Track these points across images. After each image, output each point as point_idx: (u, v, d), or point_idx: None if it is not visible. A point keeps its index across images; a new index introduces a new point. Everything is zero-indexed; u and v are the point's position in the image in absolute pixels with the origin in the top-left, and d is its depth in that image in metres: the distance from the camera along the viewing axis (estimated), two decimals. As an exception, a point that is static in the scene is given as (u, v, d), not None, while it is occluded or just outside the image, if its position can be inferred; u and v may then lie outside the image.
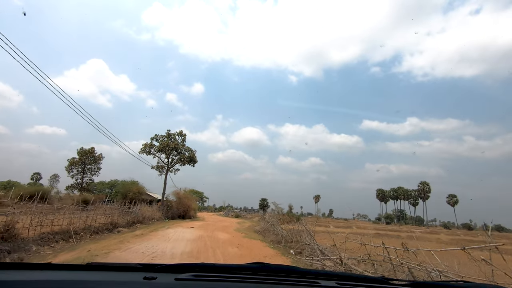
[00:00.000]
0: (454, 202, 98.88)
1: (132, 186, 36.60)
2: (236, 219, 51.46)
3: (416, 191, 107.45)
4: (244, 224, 34.63)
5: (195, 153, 36.64)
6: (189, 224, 27.81)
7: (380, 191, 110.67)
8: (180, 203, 38.92)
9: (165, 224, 26.20)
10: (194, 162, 36.47)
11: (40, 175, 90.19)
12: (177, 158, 35.72)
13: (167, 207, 36.35)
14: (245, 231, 24.28)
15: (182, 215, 38.90)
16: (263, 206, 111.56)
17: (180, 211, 38.30)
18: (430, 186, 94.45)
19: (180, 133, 36.90)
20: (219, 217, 53.05)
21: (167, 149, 35.03)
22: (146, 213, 29.91)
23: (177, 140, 36.44)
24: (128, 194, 35.83)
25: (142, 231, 17.89)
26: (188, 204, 39.72)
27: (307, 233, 16.35)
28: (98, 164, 62.58)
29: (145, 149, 34.72)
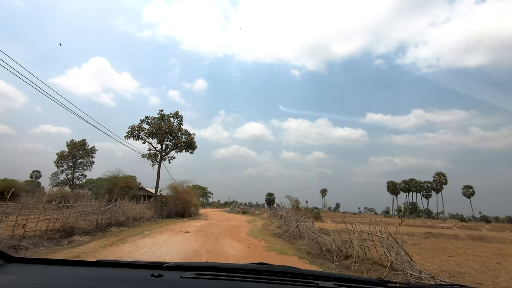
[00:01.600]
0: (470, 194, 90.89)
1: (119, 180, 29.12)
2: (244, 216, 43.95)
3: (429, 183, 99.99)
4: (256, 223, 27.14)
5: (194, 137, 29.09)
6: (186, 225, 20.35)
7: (391, 183, 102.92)
8: (178, 199, 31.44)
9: (152, 226, 18.68)
10: (193, 148, 28.98)
11: (39, 173, 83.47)
12: (172, 143, 28.12)
13: (162, 203, 28.91)
14: (263, 235, 16.78)
15: (181, 212, 31.43)
16: (269, 201, 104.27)
17: (178, 208, 30.83)
18: (446, 177, 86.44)
19: (175, 114, 29.39)
20: (224, 214, 45.57)
21: (160, 133, 27.47)
22: (132, 211, 22.49)
23: (172, 122, 28.88)
24: (114, 189, 28.41)
25: (101, 243, 10.37)
26: (187, 199, 32.24)
27: (387, 243, 8.81)
28: (91, 158, 55.31)
29: (132, 133, 27.25)
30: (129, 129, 27.29)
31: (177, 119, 29.68)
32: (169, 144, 28.81)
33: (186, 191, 33.63)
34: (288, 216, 24.37)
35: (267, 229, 22.01)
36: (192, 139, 28.68)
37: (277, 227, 24.97)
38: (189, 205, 32.79)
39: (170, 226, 18.85)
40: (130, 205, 22.42)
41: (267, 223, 29.14)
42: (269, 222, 30.56)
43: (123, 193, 28.38)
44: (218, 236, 14.50)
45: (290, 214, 25.82)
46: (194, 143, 28.91)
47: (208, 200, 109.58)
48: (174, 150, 29.16)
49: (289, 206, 35.99)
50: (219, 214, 43.61)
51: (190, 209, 33.37)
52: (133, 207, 23.16)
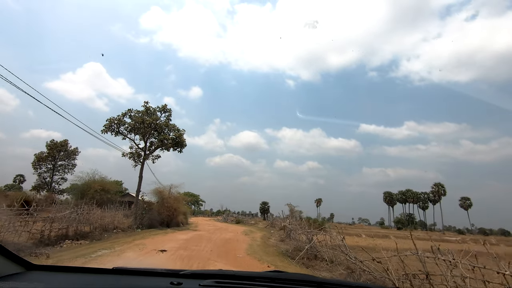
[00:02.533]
0: (468, 205, 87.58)
1: (94, 183, 24.32)
2: (238, 226, 39.14)
3: (426, 194, 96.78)
4: (254, 236, 22.56)
5: (183, 133, 24.54)
6: (168, 238, 15.71)
7: (387, 194, 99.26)
8: (163, 206, 26.69)
9: (121, 240, 13.97)
10: (182, 146, 24.44)
11: (23, 177, 77.33)
12: (157, 139, 23.51)
13: (143, 210, 24.13)
14: (268, 255, 12.25)
15: (166, 221, 26.61)
16: (263, 210, 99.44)
17: (163, 216, 26.04)
18: (445, 188, 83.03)
19: (163, 108, 24.97)
20: (216, 224, 40.68)
21: (143, 127, 22.93)
22: (101, 219, 17.74)
23: (158, 116, 24.40)
24: (87, 193, 23.59)
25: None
26: (174, 206, 27.46)
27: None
28: (73, 160, 50.04)
29: (110, 127, 22.67)
30: (107, 122, 22.71)
31: (165, 113, 25.24)
32: (154, 141, 24.21)
33: (173, 197, 28.90)
34: (294, 228, 19.89)
35: (270, 244, 17.49)
36: (181, 136, 24.16)
37: (279, 241, 20.45)
38: (177, 213, 28.01)
39: (145, 240, 14.18)
40: (99, 212, 17.64)
41: (266, 235, 24.55)
42: (268, 234, 25.97)
43: (98, 198, 23.63)
44: (207, 257, 9.95)
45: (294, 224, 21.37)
46: (183, 140, 24.37)
47: (200, 209, 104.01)
48: (160, 148, 24.58)
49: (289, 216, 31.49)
50: (211, 224, 38.75)
51: (178, 218, 28.56)
52: (104, 215, 18.40)
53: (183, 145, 24.41)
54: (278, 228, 32.52)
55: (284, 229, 22.55)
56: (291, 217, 25.32)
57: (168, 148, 24.47)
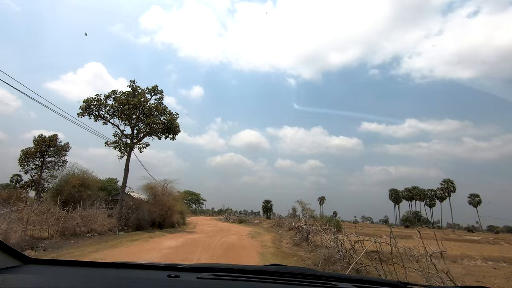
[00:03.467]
0: (477, 203, 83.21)
1: (72, 178, 20.07)
2: (242, 226, 34.83)
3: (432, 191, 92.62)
4: (262, 239, 18.27)
5: (177, 117, 20.22)
6: (148, 247, 11.37)
7: (393, 191, 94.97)
8: (155, 204, 22.43)
9: (72, 253, 9.60)
10: (174, 132, 20.13)
11: (20, 177, 73.47)
12: (145, 123, 19.12)
13: (130, 209, 19.82)
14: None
15: (159, 222, 22.39)
16: (266, 208, 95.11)
17: (155, 215, 21.76)
18: (454, 185, 78.62)
19: (153, 89, 20.72)
20: (218, 223, 36.36)
21: (128, 110, 18.63)
22: (65, 221, 13.49)
23: (146, 97, 20.08)
24: (64, 189, 19.35)
25: None
26: (168, 204, 23.19)
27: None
28: (63, 157, 45.77)
29: (87, 109, 18.39)
30: (83, 103, 18.40)
31: (156, 95, 20.94)
32: (141, 127, 19.88)
33: (167, 194, 24.63)
34: (314, 230, 15.59)
35: (286, 251, 13.19)
36: (174, 120, 19.82)
37: (293, 245, 16.19)
38: (171, 212, 23.70)
39: (114, 250, 9.84)
40: (59, 211, 13.38)
41: (276, 237, 20.26)
42: (278, 236, 21.69)
43: (76, 195, 19.42)
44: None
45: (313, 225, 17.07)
46: (176, 126, 20.02)
47: (201, 208, 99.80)
48: (149, 135, 20.25)
49: (300, 214, 27.21)
50: (212, 224, 34.44)
51: (173, 218, 24.24)
52: (71, 216, 14.14)
53: (176, 131, 20.06)
54: (287, 228, 28.24)
55: (298, 230, 18.26)
56: (307, 216, 20.96)
57: (158, 135, 20.15)
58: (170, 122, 19.40)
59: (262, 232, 23.56)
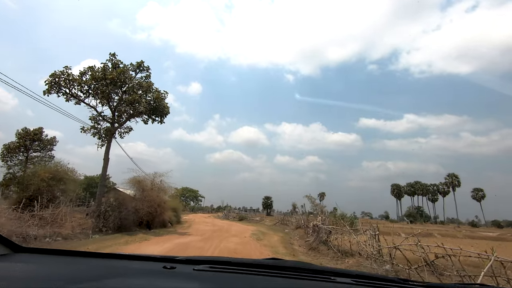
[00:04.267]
0: (481, 197, 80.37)
1: (41, 170, 16.51)
2: (243, 224, 31.37)
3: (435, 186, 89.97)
4: (270, 240, 14.83)
5: (165, 97, 16.55)
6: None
7: (395, 186, 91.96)
8: (144, 200, 18.89)
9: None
10: (162, 114, 16.50)
11: (14, 175, 69.67)
12: (126, 101, 15.44)
13: (110, 206, 16.25)
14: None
15: (147, 221, 18.88)
16: (266, 205, 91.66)
17: (142, 213, 18.23)
18: (459, 179, 75.63)
19: (139, 65, 17.12)
20: (216, 222, 32.89)
21: (106, 87, 15.00)
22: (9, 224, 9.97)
23: (131, 74, 16.46)
24: (31, 184, 15.79)
25: None
26: (158, 201, 19.66)
27: None
28: (50, 151, 41.99)
29: (53, 85, 14.76)
30: (50, 78, 14.77)
31: (142, 72, 17.31)
32: (123, 108, 16.21)
33: (158, 188, 21.09)
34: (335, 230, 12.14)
35: (304, 259, 9.72)
36: (162, 100, 16.22)
37: (309, 249, 12.78)
38: (162, 209, 20.16)
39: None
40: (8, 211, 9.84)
41: (284, 238, 16.82)
42: (286, 236, 18.26)
43: (46, 190, 15.87)
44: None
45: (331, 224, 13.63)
46: (164, 106, 16.41)
47: (200, 205, 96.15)
48: (133, 118, 16.63)
49: (309, 210, 23.76)
50: (210, 222, 30.97)
51: (164, 216, 20.69)
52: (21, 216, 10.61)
53: (164, 112, 16.44)
54: (294, 226, 24.82)
55: (314, 230, 14.78)
56: (321, 212, 17.51)
57: (144, 118, 16.52)
58: (156, 101, 15.76)
59: (267, 232, 20.09)
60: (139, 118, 16.64)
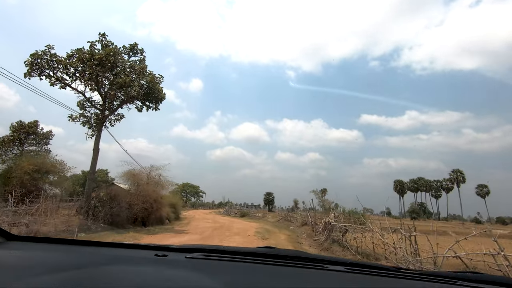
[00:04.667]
0: (485, 193, 78.60)
1: (24, 161, 14.97)
2: (245, 220, 29.84)
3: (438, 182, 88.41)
4: (276, 238, 13.22)
5: (161, 81, 14.81)
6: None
7: (398, 182, 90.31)
8: (138, 195, 17.32)
9: None
10: (157, 98, 14.80)
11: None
12: (117, 84, 13.67)
13: (100, 202, 14.66)
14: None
15: (142, 218, 17.29)
16: (268, 201, 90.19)
17: (137, 210, 16.66)
18: (464, 175, 73.85)
19: (132, 48, 15.43)
20: (217, 218, 31.35)
21: (93, 68, 13.26)
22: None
23: (123, 56, 14.73)
24: (13, 177, 14.24)
25: None
26: (154, 196, 18.07)
27: None
28: (45, 145, 40.44)
29: (33, 66, 13.09)
30: (30, 58, 13.09)
31: (136, 55, 15.62)
32: (113, 92, 14.46)
33: (155, 183, 19.50)
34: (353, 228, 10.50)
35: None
36: (156, 84, 14.52)
37: (320, 249, 11.19)
38: (159, 205, 18.59)
39: None
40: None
41: (291, 237, 15.21)
42: (293, 234, 16.66)
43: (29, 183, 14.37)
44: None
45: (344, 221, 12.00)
46: (159, 90, 14.71)
47: (201, 200, 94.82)
48: (126, 104, 14.95)
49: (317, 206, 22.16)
50: (211, 218, 29.43)
51: (161, 212, 19.12)
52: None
53: (158, 97, 14.74)
54: (300, 223, 23.25)
55: (325, 228, 13.16)
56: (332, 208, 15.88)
57: (138, 105, 14.86)
58: (150, 84, 14.05)
59: (271, 229, 18.50)
60: (132, 105, 14.97)
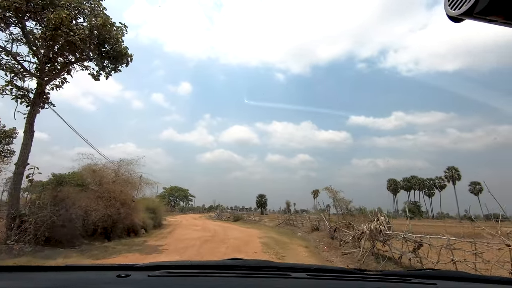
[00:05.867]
0: (478, 191, 76.73)
1: None
2: (241, 225, 25.01)
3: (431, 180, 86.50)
4: (295, 254, 8.68)
5: (123, 33, 10.00)
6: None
7: (392, 181, 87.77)
8: (101, 197, 12.41)
9: None
10: (118, 55, 10.09)
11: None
12: (51, 25, 8.92)
13: (32, 209, 9.70)
14: None
15: (104, 228, 12.34)
16: (261, 203, 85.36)
17: (97, 217, 11.70)
18: (459, 172, 71.53)
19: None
20: (208, 224, 26.38)
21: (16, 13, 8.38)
22: None
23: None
24: None
25: None
26: (122, 198, 13.17)
27: None
28: (9, 145, 34.53)
29: None
30: None
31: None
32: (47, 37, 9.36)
33: (125, 181, 14.56)
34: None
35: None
36: (111, 28, 9.67)
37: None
38: (130, 210, 13.66)
39: None
40: None
41: (312, 251, 10.66)
42: (310, 246, 12.12)
43: None
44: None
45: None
46: (118, 39, 9.84)
47: (191, 204, 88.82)
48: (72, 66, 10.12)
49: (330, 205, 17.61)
50: (200, 224, 24.50)
51: (133, 219, 14.13)
52: None
53: (119, 53, 9.89)
54: (309, 228, 18.69)
55: (372, 237, 8.69)
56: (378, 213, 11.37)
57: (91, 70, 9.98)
58: (102, 30, 9.17)
59: (280, 239, 13.85)
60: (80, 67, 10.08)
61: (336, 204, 16.92)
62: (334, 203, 16.83)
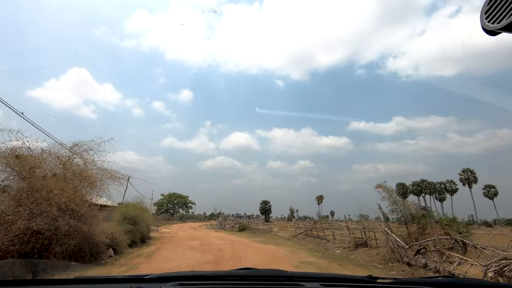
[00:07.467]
0: (493, 194, 71.05)
1: None
2: (251, 238, 19.18)
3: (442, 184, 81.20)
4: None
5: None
6: None
7: (401, 185, 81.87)
8: (26, 199, 6.90)
9: None
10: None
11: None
12: None
13: None
14: None
15: (27, 254, 6.79)
16: (264, 210, 79.10)
17: (13, 234, 6.18)
18: (476, 175, 65.84)
19: None
20: (209, 236, 20.63)
21: None
22: None
23: None
24: None
25: None
26: (64, 201, 7.64)
27: None
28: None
29: None
30: None
31: None
32: None
33: (79, 174, 9.04)
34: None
35: None
36: None
37: None
38: (82, 220, 8.15)
39: None
40: None
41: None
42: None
43: None
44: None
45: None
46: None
47: (191, 212, 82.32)
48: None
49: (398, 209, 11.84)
50: (199, 237, 18.80)
51: (87, 236, 8.58)
52: None
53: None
54: (352, 244, 13.01)
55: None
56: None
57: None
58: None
59: (320, 263, 8.11)
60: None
61: (394, 208, 11.34)
62: (391, 207, 11.26)
